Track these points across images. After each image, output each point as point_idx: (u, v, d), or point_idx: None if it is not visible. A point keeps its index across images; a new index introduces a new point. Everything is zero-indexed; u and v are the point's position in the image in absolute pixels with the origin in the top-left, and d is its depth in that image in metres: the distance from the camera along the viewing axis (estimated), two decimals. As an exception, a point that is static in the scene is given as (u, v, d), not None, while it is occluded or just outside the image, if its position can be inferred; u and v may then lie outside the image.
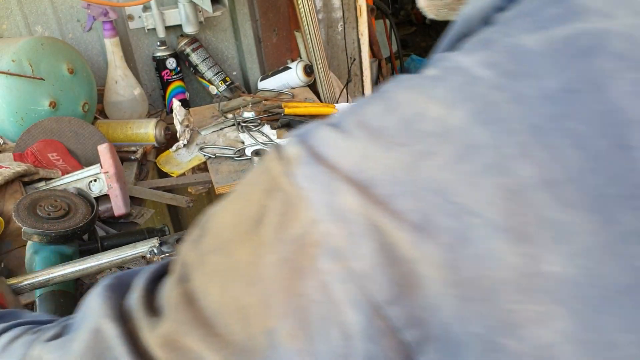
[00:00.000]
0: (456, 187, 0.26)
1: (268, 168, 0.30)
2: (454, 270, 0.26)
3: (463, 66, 0.28)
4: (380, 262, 0.26)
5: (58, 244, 0.77)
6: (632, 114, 0.26)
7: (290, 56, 1.55)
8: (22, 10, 1.35)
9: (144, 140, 1.24)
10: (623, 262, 0.25)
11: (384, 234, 0.26)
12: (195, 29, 1.41)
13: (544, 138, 0.26)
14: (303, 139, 0.30)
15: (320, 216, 0.27)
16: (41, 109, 1.12)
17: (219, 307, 0.30)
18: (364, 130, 0.28)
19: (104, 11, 1.30)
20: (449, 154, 0.26)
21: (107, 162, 0.92)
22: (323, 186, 0.28)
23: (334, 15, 1.65)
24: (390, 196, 0.27)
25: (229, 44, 1.54)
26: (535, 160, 0.25)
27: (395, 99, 0.29)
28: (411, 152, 0.27)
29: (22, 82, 1.09)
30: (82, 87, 1.20)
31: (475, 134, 0.26)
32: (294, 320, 0.28)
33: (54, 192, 0.84)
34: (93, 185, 0.93)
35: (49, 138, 1.08)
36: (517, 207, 0.25)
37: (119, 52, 1.33)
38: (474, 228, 0.26)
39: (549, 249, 0.25)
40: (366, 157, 0.28)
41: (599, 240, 0.25)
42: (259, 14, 1.50)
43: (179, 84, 1.45)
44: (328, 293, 0.27)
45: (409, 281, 0.26)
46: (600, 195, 0.25)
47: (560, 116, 0.26)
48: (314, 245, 0.28)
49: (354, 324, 0.27)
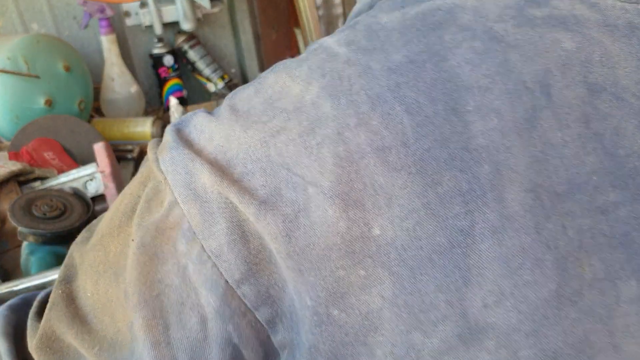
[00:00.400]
0: (300, 160, 0.27)
1: (147, 159, 0.31)
2: (290, 240, 0.26)
3: (325, 45, 0.30)
4: (232, 239, 0.27)
5: (54, 244, 0.76)
6: (467, 80, 0.26)
7: (289, 53, 1.54)
8: (17, 8, 1.34)
9: (141, 138, 1.23)
10: (442, 222, 0.25)
11: (236, 211, 0.27)
12: (193, 26, 1.39)
13: (380, 107, 0.26)
14: (179, 127, 0.31)
15: (179, 198, 0.28)
16: (37, 107, 1.11)
17: (93, 302, 0.30)
18: (232, 113, 0.29)
19: (100, 8, 1.29)
20: (298, 128, 0.27)
21: (103, 161, 0.90)
22: (183, 168, 0.28)
23: (335, 12, 1.63)
24: (245, 174, 0.27)
25: (227, 41, 1.52)
26: (370, 128, 0.26)
27: (266, 81, 0.30)
28: (266, 130, 0.28)
29: (17, 80, 1.07)
30: (78, 85, 1.19)
31: (323, 107, 0.27)
32: (148, 310, 0.28)
33: (50, 191, 0.83)
34: (89, 185, 0.92)
35: (45, 136, 1.07)
36: (347, 173, 0.26)
37: (116, 50, 1.32)
38: (312, 198, 0.26)
39: (378, 213, 0.26)
40: (228, 138, 0.28)
41: (423, 202, 0.25)
42: (258, 11, 1.48)
43: (177, 81, 1.44)
44: (185, 275, 0.27)
45: (259, 258, 0.27)
46: (425, 158, 0.26)
47: (399, 86, 0.27)
48: (172, 227, 0.28)
49: (210, 305, 0.27)
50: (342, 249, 0.26)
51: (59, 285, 0.32)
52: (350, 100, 0.27)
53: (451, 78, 0.26)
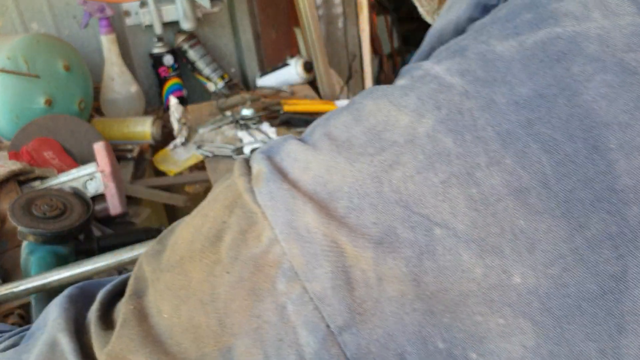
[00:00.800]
0: (421, 198, 0.25)
1: (233, 183, 0.30)
2: (419, 285, 0.25)
3: (433, 74, 0.28)
4: (337, 284, 0.26)
5: (54, 243, 0.76)
6: (605, 116, 0.25)
7: (289, 53, 1.54)
8: (17, 7, 1.34)
9: (141, 138, 1.23)
10: (592, 268, 0.24)
11: (343, 253, 0.26)
12: (193, 25, 1.39)
13: (513, 145, 0.25)
14: (269, 154, 0.29)
15: (280, 235, 0.27)
16: (36, 106, 1.11)
17: (171, 325, 0.29)
18: (330, 142, 0.28)
19: (100, 7, 1.29)
20: (415, 163, 0.26)
21: (103, 161, 0.90)
22: (284, 204, 0.27)
23: (335, 11, 1.63)
24: (352, 209, 0.26)
25: (227, 40, 1.52)
26: (503, 168, 0.25)
27: (364, 109, 0.28)
28: (376, 163, 0.26)
29: (17, 80, 1.07)
30: (78, 85, 1.19)
31: (444, 143, 0.26)
32: (249, 339, 0.27)
33: (50, 191, 0.83)
34: (89, 184, 0.92)
35: (45, 136, 1.07)
36: (484, 217, 0.25)
37: (116, 49, 1.32)
38: (440, 240, 0.25)
39: (518, 260, 0.24)
40: (330, 170, 0.27)
41: (570, 248, 0.24)
42: (258, 10, 1.48)
43: (176, 81, 1.44)
44: (284, 315, 0.27)
45: (363, 308, 0.26)
46: (569, 200, 0.24)
47: (531, 122, 0.25)
48: (272, 265, 0.27)
49: (309, 346, 0.26)
50: (479, 296, 0.24)
51: (130, 299, 0.31)
52: (477, 136, 0.25)
53: (587, 114, 0.25)
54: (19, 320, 0.70)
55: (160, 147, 1.25)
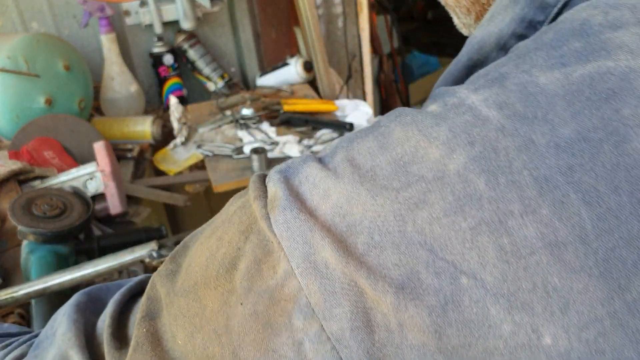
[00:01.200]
0: (447, 243, 0.24)
1: (248, 205, 0.28)
2: (441, 337, 0.24)
3: (468, 104, 0.26)
4: (356, 326, 0.24)
5: (54, 243, 0.76)
6: None
7: (289, 52, 1.54)
8: (17, 7, 1.34)
9: (141, 137, 1.23)
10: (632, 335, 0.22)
11: (362, 294, 0.24)
12: (192, 25, 1.39)
13: (551, 193, 0.23)
14: (287, 175, 0.28)
15: (296, 269, 0.25)
16: (37, 106, 1.11)
17: (186, 352, 0.29)
18: (352, 169, 0.26)
19: (100, 7, 1.29)
20: (442, 204, 0.24)
21: (103, 160, 0.90)
22: (301, 236, 0.26)
23: (334, 11, 1.63)
24: (372, 246, 0.24)
25: (227, 39, 1.52)
26: (539, 219, 0.23)
27: (391, 135, 0.26)
28: (400, 200, 0.25)
29: (17, 79, 1.07)
30: (78, 84, 1.19)
31: (475, 184, 0.24)
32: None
33: (50, 190, 0.83)
34: (89, 184, 0.92)
35: (45, 136, 1.07)
36: (514, 270, 0.23)
37: (116, 49, 1.32)
38: (466, 290, 0.23)
39: (550, 319, 0.23)
40: (350, 200, 0.25)
41: (607, 311, 0.22)
42: (258, 10, 1.48)
43: (176, 80, 1.44)
44: (301, 351, 0.26)
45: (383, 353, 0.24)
46: (609, 259, 0.22)
47: (572, 168, 0.23)
48: (288, 300, 0.26)
49: None
50: (505, 355, 0.23)
51: (143, 322, 0.30)
52: (511, 180, 0.23)
53: (636, 164, 0.23)
54: (19, 320, 0.70)
55: (160, 147, 1.25)
